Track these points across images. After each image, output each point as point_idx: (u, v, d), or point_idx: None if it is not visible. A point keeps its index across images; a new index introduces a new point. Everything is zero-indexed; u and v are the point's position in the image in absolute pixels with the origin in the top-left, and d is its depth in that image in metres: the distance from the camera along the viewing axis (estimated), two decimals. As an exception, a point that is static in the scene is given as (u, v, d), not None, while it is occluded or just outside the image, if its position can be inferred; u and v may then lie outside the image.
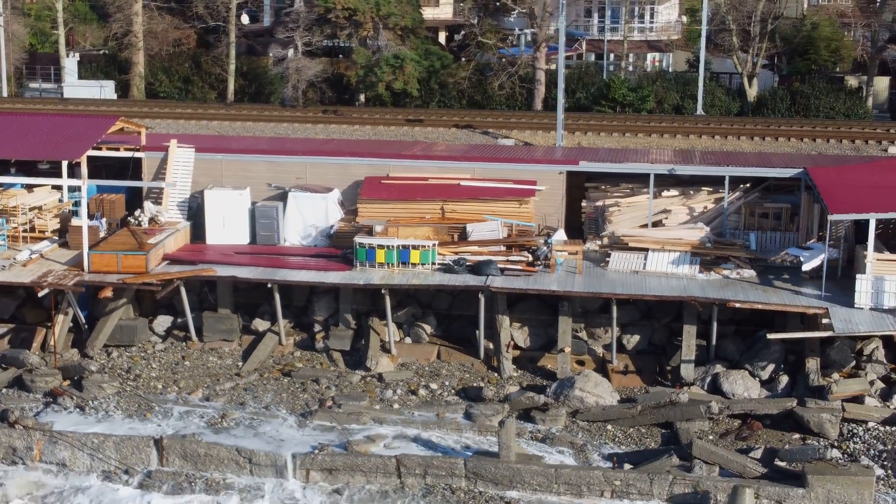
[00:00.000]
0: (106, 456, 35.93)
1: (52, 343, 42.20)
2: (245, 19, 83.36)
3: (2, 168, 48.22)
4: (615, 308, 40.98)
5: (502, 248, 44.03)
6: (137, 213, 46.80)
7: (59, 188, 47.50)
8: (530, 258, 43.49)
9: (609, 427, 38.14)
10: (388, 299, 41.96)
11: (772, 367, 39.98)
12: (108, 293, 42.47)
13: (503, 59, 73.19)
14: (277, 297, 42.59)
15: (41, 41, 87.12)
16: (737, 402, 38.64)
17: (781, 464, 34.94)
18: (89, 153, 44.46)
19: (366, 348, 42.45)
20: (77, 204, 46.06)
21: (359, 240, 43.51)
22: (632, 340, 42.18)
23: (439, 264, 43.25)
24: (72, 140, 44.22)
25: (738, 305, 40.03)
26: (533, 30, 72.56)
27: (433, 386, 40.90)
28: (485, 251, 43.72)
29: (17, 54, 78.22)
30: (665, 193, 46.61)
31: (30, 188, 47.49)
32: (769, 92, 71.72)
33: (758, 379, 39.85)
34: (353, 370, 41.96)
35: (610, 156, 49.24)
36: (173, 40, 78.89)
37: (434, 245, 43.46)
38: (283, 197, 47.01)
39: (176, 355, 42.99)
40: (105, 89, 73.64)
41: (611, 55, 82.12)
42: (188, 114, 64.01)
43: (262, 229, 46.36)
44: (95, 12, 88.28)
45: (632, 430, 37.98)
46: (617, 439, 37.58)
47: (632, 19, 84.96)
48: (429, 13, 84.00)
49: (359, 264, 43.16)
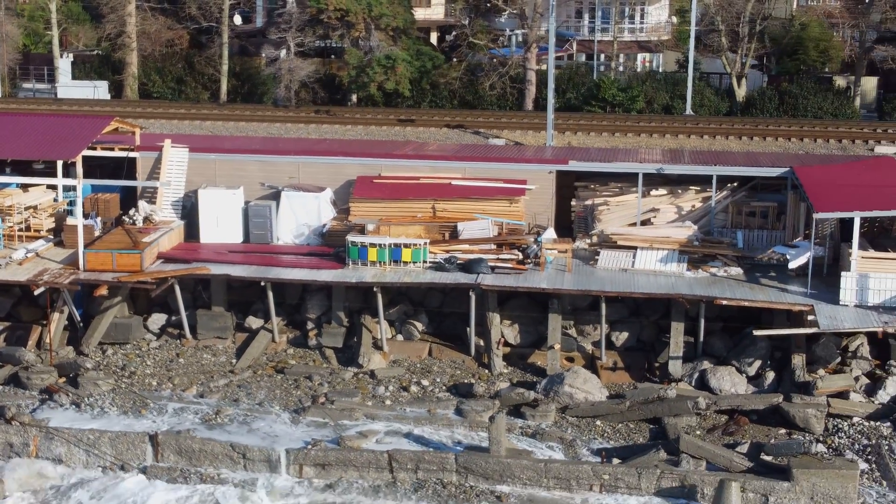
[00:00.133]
0: (102, 452, 35.96)
1: (47, 341, 42.27)
2: (237, 20, 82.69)
3: (-2, 168, 48.32)
4: (604, 305, 41.12)
5: (493, 246, 44.13)
6: (132, 212, 46.91)
7: (54, 188, 47.51)
8: (520, 256, 43.58)
9: (598, 422, 38.27)
10: (379, 297, 42.06)
11: (758, 363, 40.11)
12: (103, 291, 42.51)
13: (494, 60, 72.94)
14: (270, 295, 42.72)
15: (34, 42, 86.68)
16: (724, 397, 38.77)
17: (767, 458, 35.04)
18: (84, 153, 44.59)
19: (358, 345, 42.55)
20: (72, 203, 46.07)
21: (351, 238, 43.68)
22: (620, 337, 42.33)
23: (430, 262, 43.37)
24: (67, 140, 44.38)
25: (725, 302, 40.20)
26: (524, 30, 72.27)
27: (425, 382, 41.05)
28: (475, 249, 43.84)
29: (11, 55, 77.76)
30: (653, 192, 46.74)
31: (25, 188, 47.49)
32: (758, 92, 71.46)
33: (744, 375, 39.94)
34: (346, 367, 42.07)
35: (599, 155, 49.34)
36: (166, 41, 78.50)
37: (425, 243, 43.56)
38: (276, 196, 47.13)
39: (170, 353, 43.12)
40: (98, 90, 73.38)
41: (601, 55, 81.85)
42: (181, 114, 63.75)
43: (256, 228, 46.51)
44: (88, 13, 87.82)
45: (620, 425, 38.11)
46: (606, 434, 37.69)
47: (622, 20, 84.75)
48: (420, 14, 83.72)
49: (351, 263, 43.34)
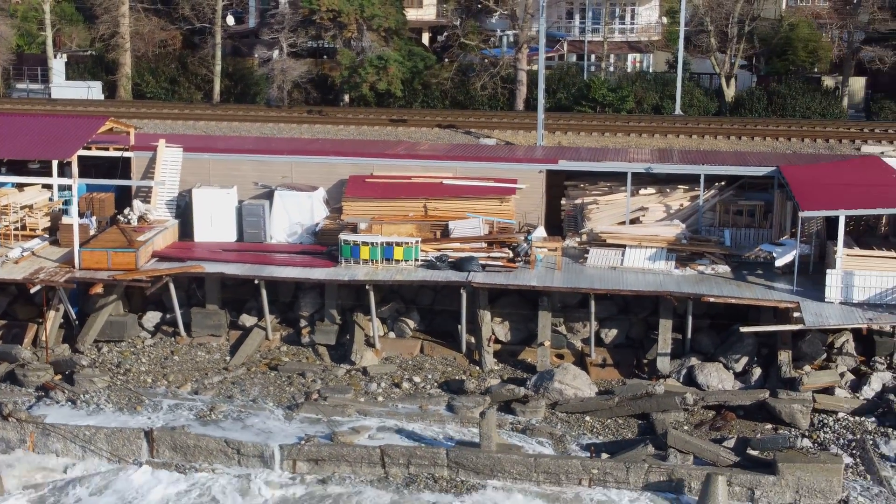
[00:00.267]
0: (98, 448, 36.19)
1: (43, 338, 42.46)
2: (230, 20, 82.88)
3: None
4: (593, 303, 41.34)
5: (484, 244, 44.31)
6: (127, 211, 47.16)
7: (49, 187, 47.69)
8: (511, 255, 43.76)
9: (587, 418, 38.51)
10: (372, 295, 42.22)
11: (745, 359, 40.36)
12: (98, 289, 42.74)
13: (485, 60, 73.19)
14: (264, 293, 42.84)
15: (28, 42, 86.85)
16: (711, 393, 38.99)
17: (753, 452, 35.28)
18: (79, 153, 44.68)
19: (350, 343, 42.76)
20: (67, 202, 46.24)
21: (343, 237, 43.85)
22: (609, 334, 42.60)
23: (422, 261, 43.54)
24: (63, 140, 44.46)
25: (712, 300, 40.45)
26: (514, 31, 72.53)
27: (416, 379, 41.28)
28: (467, 248, 44.00)
29: (5, 55, 77.73)
30: (642, 191, 47.01)
31: (20, 187, 47.66)
32: (746, 92, 71.90)
33: (732, 371, 40.19)
34: (339, 364, 42.28)
35: (589, 155, 49.61)
36: (159, 41, 78.61)
37: (417, 242, 43.73)
38: (269, 195, 47.32)
39: (165, 350, 43.31)
40: (92, 90, 73.52)
41: (591, 56, 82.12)
42: (175, 114, 64.01)
43: (249, 227, 46.71)
44: (81, 13, 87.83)
45: (609, 420, 38.35)
46: (595, 430, 37.92)
47: (612, 20, 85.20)
48: (412, 14, 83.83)
49: (343, 261, 43.52)
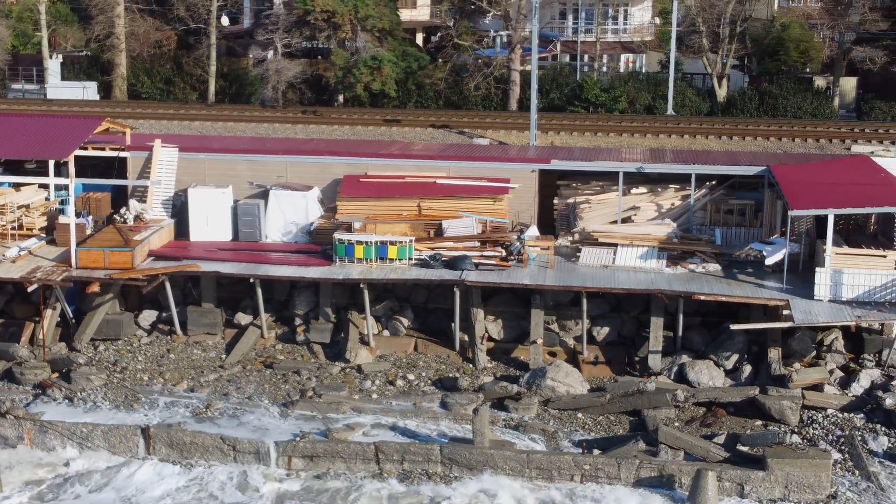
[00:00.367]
0: (95, 445, 36.39)
1: (40, 337, 42.70)
2: (225, 21, 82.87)
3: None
4: (585, 301, 41.51)
5: (477, 243, 44.54)
6: (123, 210, 47.28)
7: (45, 187, 47.77)
8: (504, 253, 43.92)
9: (579, 415, 38.75)
10: (366, 293, 42.47)
11: (735, 356, 40.67)
12: (95, 288, 42.87)
13: (479, 61, 73.37)
14: (259, 291, 43.07)
15: (23, 43, 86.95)
16: (702, 390, 39.26)
17: (743, 448, 35.64)
18: (76, 153, 44.78)
19: (345, 341, 42.99)
20: (64, 202, 46.42)
21: (338, 236, 44.00)
22: (601, 332, 42.82)
23: (416, 259, 43.74)
24: (59, 140, 44.61)
25: (703, 298, 40.64)
26: (508, 31, 72.99)
27: (410, 377, 41.53)
28: (460, 247, 44.24)
29: (0, 55, 78.42)
30: (634, 191, 47.24)
31: (17, 187, 47.77)
32: (738, 92, 72.13)
33: (722, 368, 40.50)
34: (333, 362, 42.47)
35: (581, 154, 49.82)
36: (154, 42, 78.77)
37: (411, 241, 43.93)
38: (264, 195, 47.55)
39: (161, 348, 43.54)
40: (88, 90, 73.63)
41: (584, 56, 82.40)
42: (170, 114, 64.13)
43: (245, 226, 46.93)
44: (76, 14, 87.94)
45: (601, 417, 38.60)
46: (587, 426, 38.16)
47: (605, 21, 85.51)
48: (406, 15, 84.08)
49: (338, 260, 43.68)
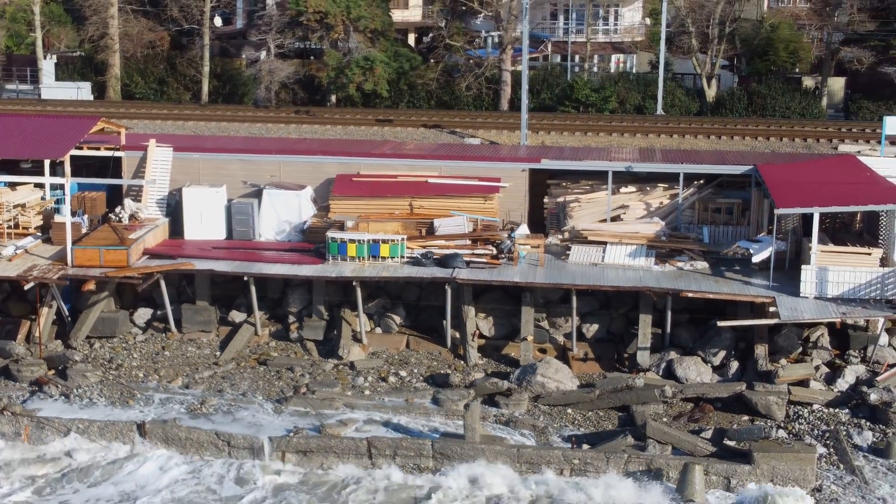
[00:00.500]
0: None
1: (37, 334, 42.97)
2: (218, 22, 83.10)
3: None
4: (575, 298, 41.82)
5: (468, 242, 44.86)
6: (118, 209, 47.59)
7: (41, 186, 47.92)
8: (495, 251, 44.26)
9: (569, 410, 39.06)
10: (359, 291, 42.74)
11: (723, 353, 41.03)
12: (90, 286, 43.06)
13: (470, 61, 73.71)
14: (253, 289, 43.32)
15: (17, 43, 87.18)
16: (689, 386, 39.63)
17: (730, 443, 35.95)
18: (71, 152, 45.11)
19: (338, 338, 43.27)
20: (60, 201, 46.65)
21: (331, 234, 44.28)
22: (591, 329, 43.14)
23: (408, 258, 44.02)
24: (55, 140, 44.88)
25: (691, 295, 41.01)
26: (499, 32, 73.35)
27: (402, 373, 41.85)
28: (451, 245, 44.55)
29: (-6, 56, 79.09)
30: (623, 190, 47.64)
31: (13, 186, 48.09)
32: (727, 92, 72.42)
33: (710, 364, 40.83)
34: (326, 359, 42.76)
35: (571, 154, 50.19)
36: (147, 42, 78.90)
37: (403, 239, 44.22)
38: (257, 194, 47.83)
39: (156, 346, 43.77)
40: (82, 91, 73.79)
41: (575, 57, 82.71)
42: (164, 114, 64.34)
43: (238, 225, 47.23)
44: (70, 15, 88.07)
45: (590, 413, 38.92)
46: (576, 422, 38.46)
47: (595, 21, 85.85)
48: (398, 15, 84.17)
49: (331, 258, 43.95)
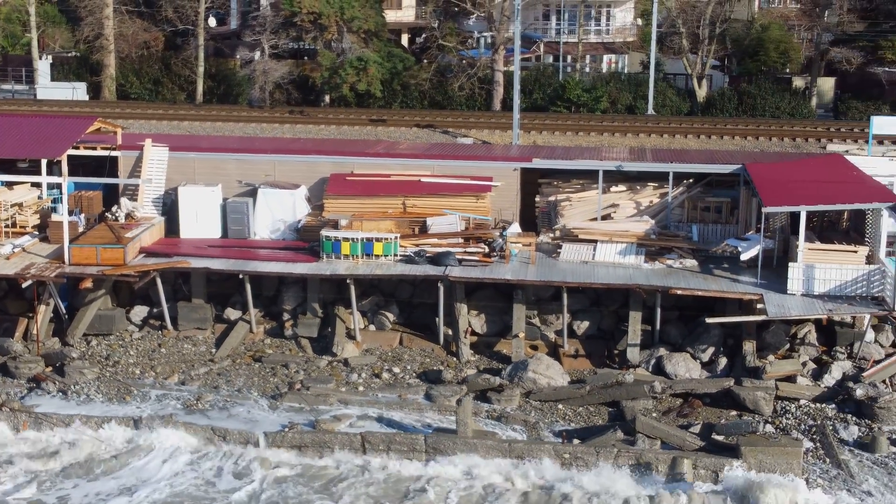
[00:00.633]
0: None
1: (34, 332, 43.24)
2: (212, 22, 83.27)
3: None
4: (566, 296, 42.17)
5: (460, 240, 45.15)
6: (114, 208, 47.83)
7: (38, 185, 48.16)
8: (487, 250, 44.58)
9: (560, 406, 39.46)
10: (352, 289, 43.10)
11: (711, 349, 41.38)
12: (87, 284, 43.43)
13: (463, 61, 74.05)
14: (248, 287, 43.65)
15: (12, 43, 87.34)
16: (679, 382, 40.00)
17: (718, 437, 36.46)
18: (68, 152, 45.30)
19: (332, 335, 43.62)
20: (56, 200, 47.00)
21: (325, 233, 44.58)
22: (582, 326, 43.49)
23: (401, 256, 44.37)
24: (52, 140, 45.09)
25: (680, 292, 41.38)
26: (492, 33, 73.61)
27: (396, 370, 42.20)
28: (444, 243, 44.85)
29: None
30: (614, 189, 48.00)
31: (10, 185, 48.38)
32: (718, 92, 72.85)
33: (698, 361, 41.15)
34: (321, 356, 43.08)
35: (562, 153, 50.56)
36: (142, 43, 79.11)
37: (396, 238, 44.57)
38: (252, 193, 48.18)
39: (152, 343, 44.08)
40: (77, 91, 74.02)
41: (567, 57, 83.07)
42: (159, 114, 64.59)
43: (234, 224, 47.53)
44: (65, 15, 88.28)
45: (581, 408, 39.27)
46: (567, 417, 38.88)
47: (587, 22, 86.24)
48: (391, 16, 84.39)
49: (325, 256, 44.25)
